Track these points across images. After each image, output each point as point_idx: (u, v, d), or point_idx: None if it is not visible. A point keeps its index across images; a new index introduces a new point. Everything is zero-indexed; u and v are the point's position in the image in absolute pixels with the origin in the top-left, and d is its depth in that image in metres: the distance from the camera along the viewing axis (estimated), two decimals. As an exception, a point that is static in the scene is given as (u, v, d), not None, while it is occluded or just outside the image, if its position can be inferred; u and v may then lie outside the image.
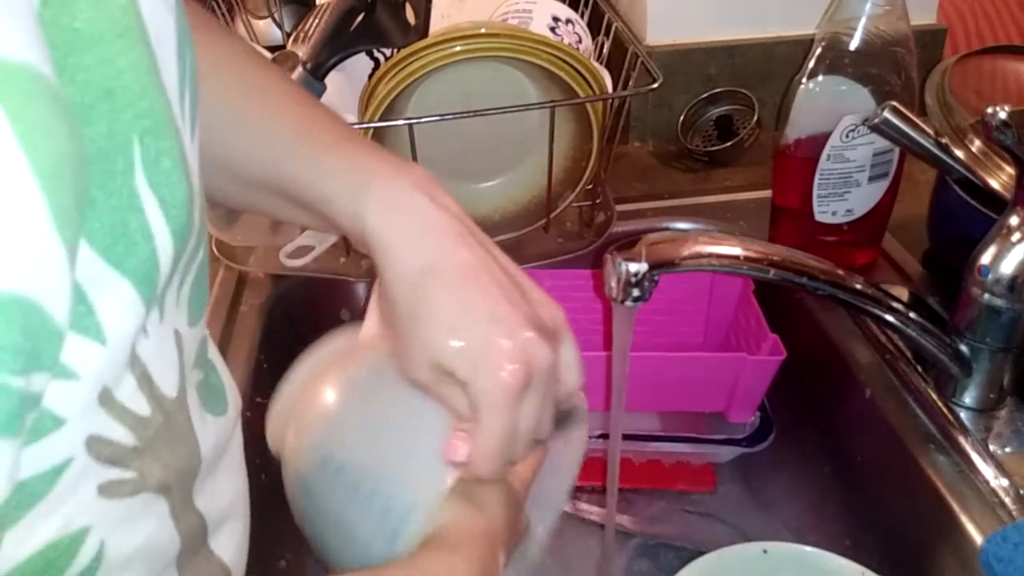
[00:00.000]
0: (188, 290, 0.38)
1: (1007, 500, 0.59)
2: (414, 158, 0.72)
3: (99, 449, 0.32)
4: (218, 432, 0.42)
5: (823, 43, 0.75)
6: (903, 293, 0.78)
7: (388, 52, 0.79)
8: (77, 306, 0.28)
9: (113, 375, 0.31)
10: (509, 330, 0.40)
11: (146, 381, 0.34)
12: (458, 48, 0.70)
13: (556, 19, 0.87)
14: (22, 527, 0.29)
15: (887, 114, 0.62)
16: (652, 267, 0.54)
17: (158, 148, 0.31)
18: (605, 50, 0.90)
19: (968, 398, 0.66)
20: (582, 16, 0.91)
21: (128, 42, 0.30)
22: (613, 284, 0.56)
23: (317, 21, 0.83)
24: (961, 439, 0.63)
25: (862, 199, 0.78)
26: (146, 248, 0.31)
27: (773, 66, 1.00)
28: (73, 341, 0.28)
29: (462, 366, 0.40)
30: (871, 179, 0.77)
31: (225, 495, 0.44)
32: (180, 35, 0.35)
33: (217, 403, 0.43)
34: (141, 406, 0.34)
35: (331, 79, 0.75)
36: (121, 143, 0.30)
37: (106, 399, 0.31)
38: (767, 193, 0.87)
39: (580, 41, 0.88)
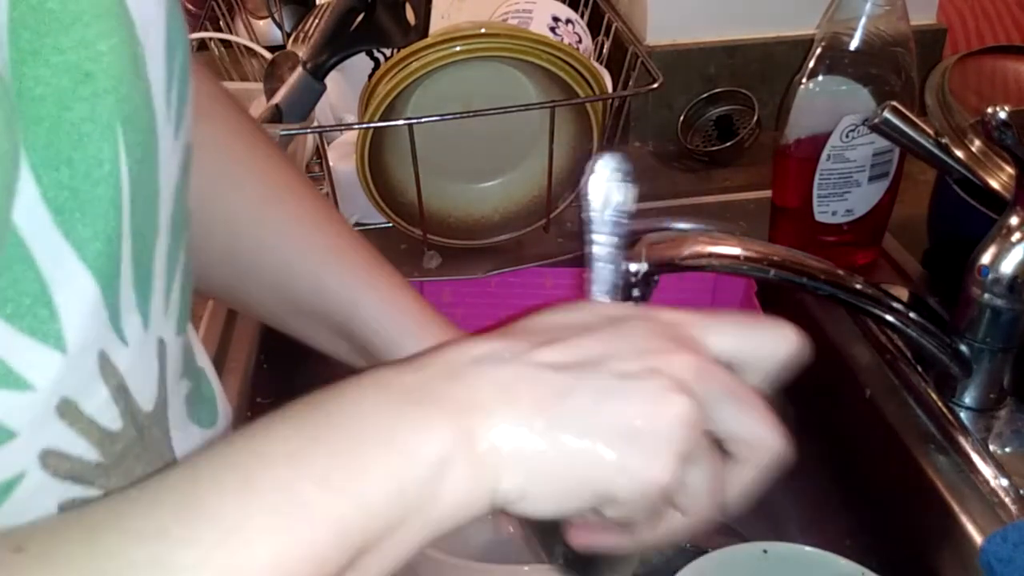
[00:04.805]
0: (177, 296, 0.36)
1: (1007, 500, 0.59)
2: (414, 158, 0.72)
3: (56, 464, 0.29)
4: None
5: (823, 43, 0.75)
6: (903, 293, 0.78)
7: (388, 52, 0.79)
8: (40, 310, 0.27)
9: (75, 386, 0.29)
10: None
11: (122, 393, 0.32)
12: (458, 48, 0.70)
13: (556, 19, 0.87)
14: None
15: (887, 114, 0.62)
16: (652, 267, 0.54)
17: (136, 139, 0.30)
18: (605, 50, 0.90)
19: (968, 398, 0.66)
20: (582, 16, 0.91)
21: (108, 24, 0.29)
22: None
23: (317, 21, 0.83)
24: (961, 439, 0.63)
25: (862, 199, 0.78)
26: (117, 247, 0.29)
27: (773, 66, 1.00)
28: (32, 349, 0.27)
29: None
30: (871, 179, 0.77)
31: None
32: (171, 28, 0.33)
33: (208, 414, 0.41)
34: (112, 420, 0.32)
35: (331, 79, 0.75)
36: (104, 130, 0.28)
37: (67, 411, 0.29)
38: (767, 193, 0.87)
39: (580, 41, 0.88)
